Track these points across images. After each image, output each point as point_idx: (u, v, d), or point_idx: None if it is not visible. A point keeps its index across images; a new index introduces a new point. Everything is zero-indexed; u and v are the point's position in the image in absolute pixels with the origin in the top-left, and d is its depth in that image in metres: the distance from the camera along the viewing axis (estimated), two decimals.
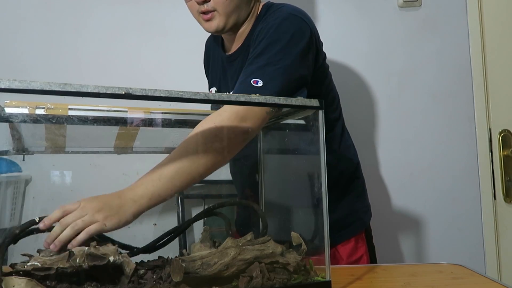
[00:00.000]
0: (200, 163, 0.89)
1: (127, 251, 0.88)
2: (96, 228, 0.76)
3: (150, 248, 0.89)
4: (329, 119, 0.94)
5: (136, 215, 0.82)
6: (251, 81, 0.96)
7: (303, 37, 1.05)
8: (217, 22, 1.09)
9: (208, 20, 1.09)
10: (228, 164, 1.29)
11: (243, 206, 1.19)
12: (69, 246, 0.75)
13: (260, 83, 0.95)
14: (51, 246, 0.75)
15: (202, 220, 1.03)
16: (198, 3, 1.08)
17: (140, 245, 0.92)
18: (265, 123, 0.99)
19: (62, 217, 0.77)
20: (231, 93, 1.08)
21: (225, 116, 0.92)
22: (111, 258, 0.72)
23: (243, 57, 1.15)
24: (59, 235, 0.76)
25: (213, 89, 1.29)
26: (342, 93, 1.33)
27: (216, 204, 1.03)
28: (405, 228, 1.76)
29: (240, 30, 1.17)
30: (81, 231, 0.76)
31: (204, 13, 1.09)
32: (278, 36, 1.03)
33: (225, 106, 0.93)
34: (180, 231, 0.97)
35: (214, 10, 1.08)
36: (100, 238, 0.83)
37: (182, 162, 0.86)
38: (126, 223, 0.81)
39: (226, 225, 0.95)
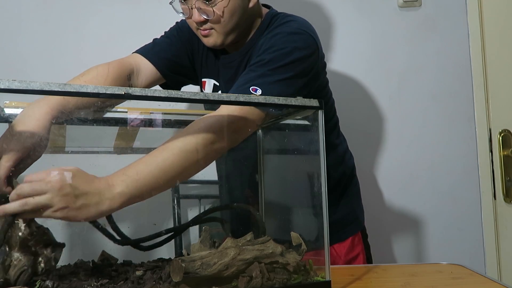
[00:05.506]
0: (193, 159, 0.84)
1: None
2: (48, 215, 0.70)
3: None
4: (326, 125, 0.94)
5: (103, 214, 0.75)
6: (250, 88, 0.96)
7: (311, 55, 1.06)
8: (214, 39, 1.09)
9: (205, 36, 1.09)
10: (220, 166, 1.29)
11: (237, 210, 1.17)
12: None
13: (259, 92, 0.95)
14: None
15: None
16: (196, 23, 1.07)
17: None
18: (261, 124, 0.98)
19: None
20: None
21: (224, 113, 0.91)
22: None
23: (239, 63, 1.15)
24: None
25: (213, 81, 1.26)
26: (342, 93, 1.33)
27: (210, 208, 1.03)
28: (405, 228, 1.76)
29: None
30: (29, 210, 0.70)
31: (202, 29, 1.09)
32: (287, 50, 1.02)
33: (223, 107, 0.93)
34: (173, 236, 0.96)
35: (211, 29, 1.08)
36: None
37: (170, 160, 0.81)
38: (86, 219, 0.74)
39: (225, 229, 0.95)
